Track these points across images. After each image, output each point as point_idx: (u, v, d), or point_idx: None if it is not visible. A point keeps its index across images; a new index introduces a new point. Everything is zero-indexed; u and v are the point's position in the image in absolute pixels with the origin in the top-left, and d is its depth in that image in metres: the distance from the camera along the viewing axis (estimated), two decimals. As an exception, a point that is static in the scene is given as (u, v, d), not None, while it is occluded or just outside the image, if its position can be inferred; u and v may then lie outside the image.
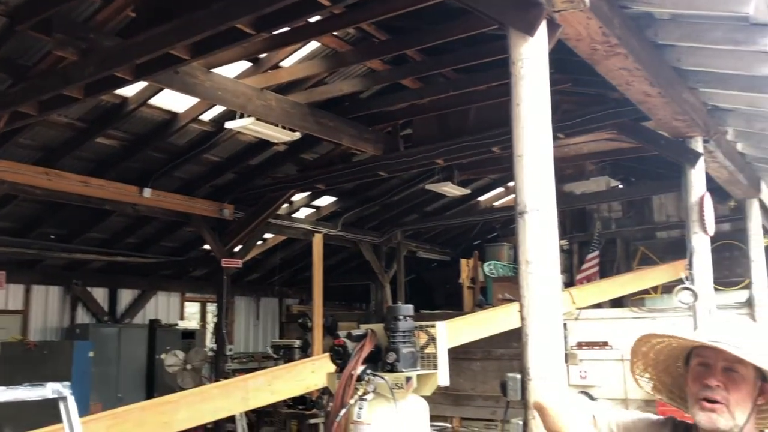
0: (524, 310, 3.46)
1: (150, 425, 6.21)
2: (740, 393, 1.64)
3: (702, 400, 1.65)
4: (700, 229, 6.58)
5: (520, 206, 3.53)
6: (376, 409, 4.00)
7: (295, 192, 10.26)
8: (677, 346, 1.77)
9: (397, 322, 4.22)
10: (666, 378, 1.87)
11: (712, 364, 1.66)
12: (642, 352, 1.84)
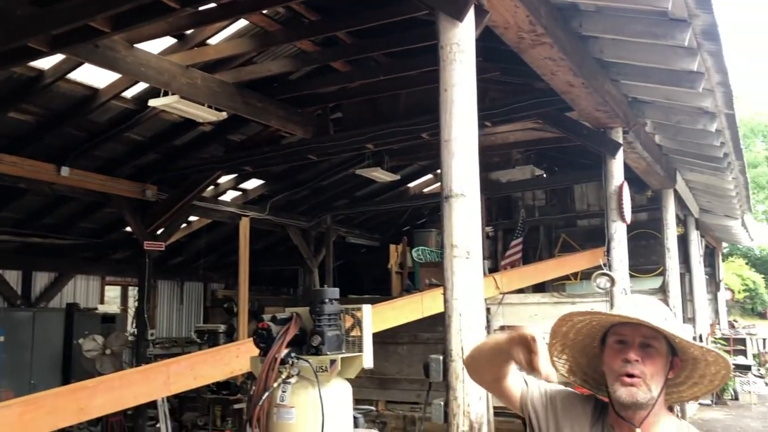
0: (448, 292, 3.51)
1: (65, 412, 5.99)
2: (656, 366, 1.72)
3: (622, 375, 1.72)
4: (618, 217, 6.84)
5: (446, 191, 3.57)
6: (300, 392, 3.97)
7: (222, 174, 10.04)
8: (597, 324, 1.82)
9: (323, 305, 4.19)
10: (582, 359, 1.92)
11: (630, 341, 1.73)
12: (562, 332, 1.87)
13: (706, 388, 1.82)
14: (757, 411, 12.71)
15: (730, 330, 17.89)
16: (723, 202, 12.02)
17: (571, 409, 1.89)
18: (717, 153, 7.89)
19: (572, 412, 1.88)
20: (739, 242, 23.20)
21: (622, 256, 6.79)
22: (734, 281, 29.65)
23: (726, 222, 14.48)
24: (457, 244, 3.51)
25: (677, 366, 1.77)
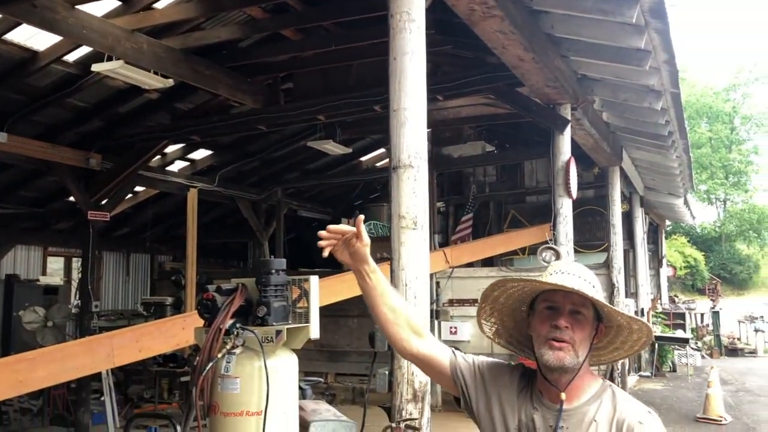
0: (395, 262, 3.51)
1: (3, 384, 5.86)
2: (583, 333, 1.77)
3: (551, 339, 1.76)
4: (564, 192, 6.95)
5: (394, 161, 3.55)
6: (245, 362, 3.93)
7: (168, 143, 9.81)
8: (529, 291, 1.87)
9: (269, 276, 4.14)
10: (509, 322, 1.97)
11: (560, 308, 1.78)
12: (493, 296, 1.92)
13: (625, 353, 1.90)
14: (693, 382, 13.22)
15: (670, 305, 18.51)
16: (667, 180, 12.35)
17: (499, 378, 1.92)
18: (662, 131, 8.07)
19: (500, 380, 1.92)
20: (681, 220, 23.91)
21: (567, 231, 6.91)
22: (676, 258, 30.63)
23: (669, 200, 14.90)
24: (405, 215, 3.50)
25: (602, 332, 1.82)
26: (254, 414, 3.89)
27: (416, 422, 3.24)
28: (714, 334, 19.07)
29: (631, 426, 1.72)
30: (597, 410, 1.76)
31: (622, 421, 1.73)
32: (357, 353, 11.53)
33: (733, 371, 15.32)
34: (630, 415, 1.74)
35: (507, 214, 13.39)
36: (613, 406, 1.76)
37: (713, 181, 41.06)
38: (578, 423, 1.76)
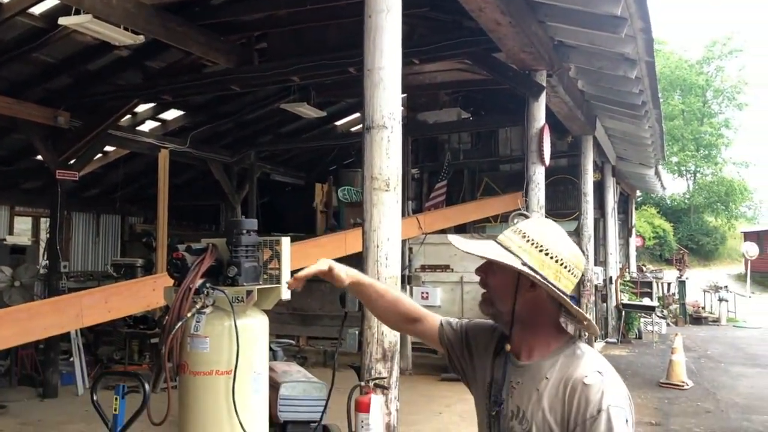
0: (366, 223, 3.50)
1: (-32, 343, 5.77)
2: (497, 281, 1.78)
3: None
4: (537, 159, 6.98)
5: (368, 121, 3.52)
6: (215, 322, 3.93)
7: (139, 102, 9.62)
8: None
9: (240, 236, 4.12)
10: None
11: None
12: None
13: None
14: (658, 349, 13.54)
15: (638, 274, 18.84)
16: (639, 151, 12.47)
17: (481, 339, 1.96)
18: (636, 100, 8.11)
19: (481, 341, 1.96)
20: (652, 191, 24.24)
21: (539, 198, 6.96)
22: (646, 228, 31.12)
23: (641, 170, 15.06)
24: (378, 176, 3.49)
25: (525, 286, 1.76)
26: (224, 373, 3.91)
27: (385, 381, 3.26)
28: (679, 303, 19.49)
29: (575, 385, 1.65)
30: (551, 367, 1.71)
31: (569, 378, 1.66)
32: (329, 317, 11.59)
33: (697, 339, 15.72)
34: (577, 373, 1.67)
35: (481, 181, 13.45)
36: (568, 363, 1.70)
37: (684, 153, 41.59)
38: (531, 378, 1.73)
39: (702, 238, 40.10)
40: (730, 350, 14.27)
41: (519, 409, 1.73)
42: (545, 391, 1.69)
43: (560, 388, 1.67)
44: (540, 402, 1.69)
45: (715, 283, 22.34)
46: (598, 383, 1.63)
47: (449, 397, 9.29)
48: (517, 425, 1.73)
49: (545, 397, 1.68)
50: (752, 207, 47.79)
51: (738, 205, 44.10)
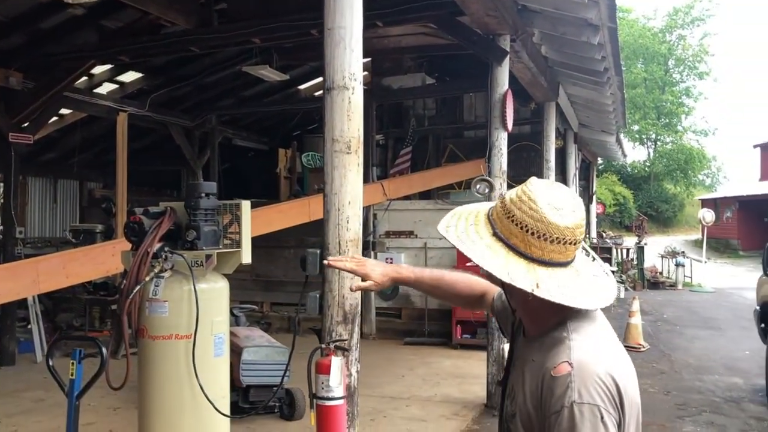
0: (327, 186, 3.47)
1: None
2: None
3: None
4: (500, 125, 6.98)
5: (328, 82, 3.47)
6: (174, 286, 3.90)
7: (96, 63, 9.32)
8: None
9: (199, 199, 4.06)
10: None
11: None
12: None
13: None
14: (616, 312, 13.83)
15: (598, 240, 19.20)
16: (600, 118, 12.58)
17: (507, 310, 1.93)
18: (598, 67, 8.15)
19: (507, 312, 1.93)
20: (613, 158, 24.57)
21: (502, 163, 6.99)
22: (606, 195, 31.65)
23: (602, 137, 15.22)
24: (338, 138, 3.44)
25: None
26: (184, 337, 3.89)
27: (346, 343, 3.27)
28: (638, 268, 19.95)
29: (546, 375, 1.51)
30: (538, 348, 1.59)
31: (544, 366, 1.53)
32: (293, 283, 11.57)
33: (654, 303, 16.14)
34: (550, 362, 1.52)
35: (445, 148, 13.44)
36: (551, 346, 1.55)
37: (645, 122, 42.21)
38: (522, 357, 1.67)
39: (661, 205, 40.97)
40: (686, 313, 14.70)
41: (513, 388, 1.66)
42: (528, 375, 1.59)
43: (539, 375, 1.54)
44: (524, 385, 1.59)
45: (673, 248, 22.90)
46: (565, 376, 1.47)
47: (412, 360, 9.42)
48: (509, 404, 1.66)
49: (528, 381, 1.58)
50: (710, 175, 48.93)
51: (696, 173, 45.11)
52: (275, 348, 6.57)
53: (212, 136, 13.35)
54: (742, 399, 7.66)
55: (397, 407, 7.00)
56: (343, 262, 2.12)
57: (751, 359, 9.40)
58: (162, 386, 3.86)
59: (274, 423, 6.39)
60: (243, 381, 6.26)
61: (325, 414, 3.17)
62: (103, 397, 6.52)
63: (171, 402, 3.85)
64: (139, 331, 3.93)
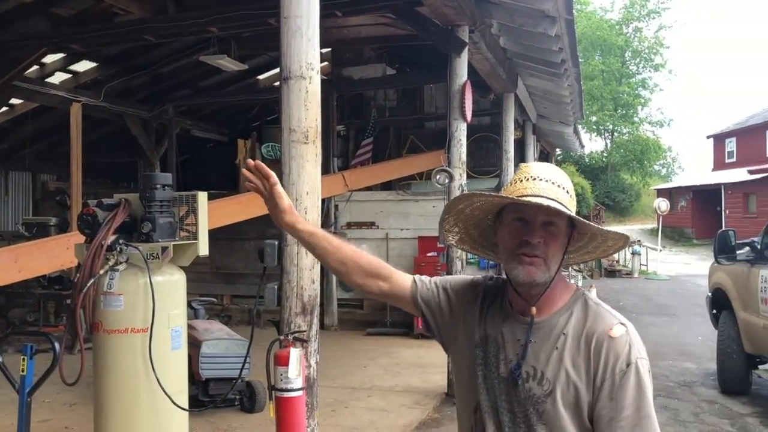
0: (285, 177, 3.44)
1: None
2: (556, 245, 1.66)
3: (521, 254, 1.65)
4: (460, 115, 7.02)
5: (285, 72, 3.44)
6: (129, 279, 3.83)
7: (47, 52, 9.07)
8: (498, 202, 1.76)
9: (154, 191, 3.99)
10: (474, 231, 1.89)
11: (531, 220, 1.66)
12: (458, 209, 1.82)
13: (597, 256, 1.85)
14: (574, 301, 14.09)
15: (557, 230, 19.46)
16: (558, 109, 12.73)
17: (463, 296, 1.87)
18: (555, 58, 8.24)
19: (464, 298, 1.87)
20: (571, 149, 24.90)
21: (461, 153, 7.02)
22: (565, 186, 32.00)
23: (560, 128, 15.41)
24: (296, 128, 3.42)
25: (575, 238, 1.74)
26: (140, 331, 3.83)
27: (304, 334, 3.26)
28: (595, 257, 20.29)
29: (600, 338, 1.61)
30: (567, 322, 1.66)
31: (592, 333, 1.62)
32: (253, 275, 11.47)
33: (611, 291, 16.47)
34: (600, 327, 1.63)
35: (406, 139, 13.47)
36: (584, 317, 1.66)
37: (603, 113, 42.89)
38: (546, 336, 1.66)
39: (618, 195, 41.76)
40: (641, 301, 15.05)
41: (536, 369, 1.65)
42: (566, 348, 1.63)
43: (582, 344, 1.62)
44: (561, 360, 1.62)
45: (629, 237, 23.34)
46: (624, 336, 1.61)
47: (374, 351, 9.45)
48: (535, 386, 1.64)
49: (567, 355, 1.62)
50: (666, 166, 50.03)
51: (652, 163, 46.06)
52: (235, 341, 6.52)
53: (170, 127, 13.12)
54: (694, 383, 7.88)
55: (358, 398, 7.01)
56: (264, 169, 1.95)
57: (704, 344, 9.67)
58: (118, 381, 3.80)
59: (235, 416, 6.35)
60: (203, 374, 6.20)
61: (285, 405, 3.16)
62: (59, 394, 6.38)
63: (128, 397, 3.79)
64: (94, 326, 3.85)
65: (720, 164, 35.43)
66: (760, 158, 29.93)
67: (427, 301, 1.89)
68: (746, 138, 33.16)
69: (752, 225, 21.54)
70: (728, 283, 7.35)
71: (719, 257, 7.27)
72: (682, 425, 6.32)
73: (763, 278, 6.44)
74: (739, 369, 7.16)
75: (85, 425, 5.47)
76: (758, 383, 7.50)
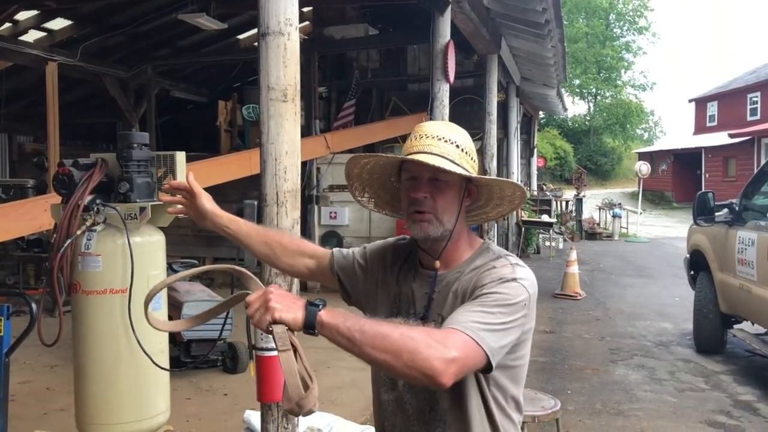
0: (264, 136, 3.39)
1: None
2: (446, 199, 1.70)
3: (413, 212, 1.71)
4: (442, 76, 6.96)
5: (263, 28, 3.36)
6: (107, 240, 3.78)
7: (19, 9, 8.85)
8: (384, 164, 1.81)
9: (131, 150, 3.92)
10: (384, 194, 1.93)
11: (418, 177, 1.70)
12: (355, 174, 1.87)
13: (509, 207, 1.85)
14: (555, 263, 14.24)
15: (538, 192, 19.56)
16: (542, 71, 12.67)
17: (378, 260, 1.92)
18: (539, 18, 8.16)
19: (379, 262, 1.92)
20: (554, 112, 24.89)
21: (444, 115, 6.98)
22: (548, 149, 32.17)
23: (543, 90, 15.38)
24: (274, 86, 3.36)
25: (474, 192, 1.77)
26: (119, 292, 3.80)
27: (284, 294, 3.25)
28: (576, 220, 20.48)
29: (486, 268, 1.66)
30: (467, 272, 1.71)
31: (484, 269, 1.67)
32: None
33: (591, 253, 16.64)
34: (492, 264, 1.67)
35: (389, 101, 13.37)
36: (483, 263, 1.70)
37: (586, 76, 42.81)
38: (448, 287, 1.72)
39: (600, 158, 41.93)
40: (621, 263, 15.22)
41: (440, 316, 1.69)
42: (459, 290, 1.68)
43: (473, 277, 1.67)
44: (456, 300, 1.67)
45: (610, 200, 23.56)
46: (508, 265, 1.66)
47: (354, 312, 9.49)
48: None
49: (459, 292, 1.68)
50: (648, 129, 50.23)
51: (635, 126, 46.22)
52: (216, 302, 6.51)
53: (148, 87, 12.89)
54: (671, 343, 8.02)
55: (341, 358, 7.02)
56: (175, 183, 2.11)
57: (681, 305, 9.83)
58: (98, 342, 3.78)
59: (216, 376, 6.38)
60: (184, 335, 6.21)
61: (265, 364, 3.17)
62: (40, 356, 6.37)
63: (108, 358, 3.78)
64: (72, 286, 3.82)
65: (701, 128, 35.62)
66: (741, 122, 30.13)
67: (343, 269, 1.97)
68: (727, 102, 33.32)
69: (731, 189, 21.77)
70: (706, 245, 7.44)
71: (698, 219, 7.34)
72: (658, 383, 6.45)
73: (741, 239, 6.52)
74: (715, 329, 7.29)
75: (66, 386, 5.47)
76: (732, 342, 7.65)
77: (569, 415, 5.40)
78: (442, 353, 1.39)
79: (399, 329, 1.43)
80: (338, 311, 1.44)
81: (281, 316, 1.41)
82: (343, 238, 11.25)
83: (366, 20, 12.35)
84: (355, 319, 1.43)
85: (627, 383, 6.44)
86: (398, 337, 1.40)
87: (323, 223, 11.39)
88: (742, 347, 7.57)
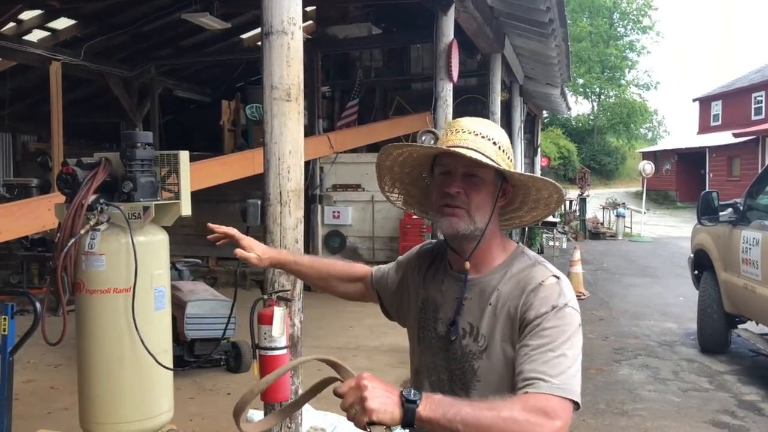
0: (267, 135, 3.40)
1: None
2: (480, 196, 1.64)
3: (443, 206, 1.65)
4: (446, 75, 6.95)
5: (266, 27, 3.36)
6: (111, 239, 3.79)
7: (23, 8, 8.86)
8: (418, 156, 1.76)
9: (134, 149, 3.93)
10: (414, 190, 1.89)
11: (453, 171, 1.64)
12: (387, 167, 1.82)
13: (543, 212, 1.80)
14: (558, 262, 14.20)
15: (542, 192, 19.50)
16: (545, 70, 12.64)
17: (408, 267, 1.91)
18: (543, 18, 8.14)
19: (409, 269, 1.91)
20: (557, 111, 24.83)
21: (447, 114, 6.98)
22: (551, 149, 32.14)
23: (547, 90, 15.34)
24: (277, 85, 3.36)
25: (509, 192, 1.71)
26: (123, 291, 3.80)
27: (288, 293, 3.25)
28: (580, 219, 20.45)
29: (531, 287, 1.60)
30: (502, 278, 1.65)
31: (525, 284, 1.61)
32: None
33: (595, 252, 16.62)
34: (533, 278, 1.61)
35: (392, 100, 13.36)
36: (520, 271, 1.65)
37: (590, 75, 42.76)
38: (481, 292, 1.66)
39: (604, 158, 41.89)
40: (624, 262, 15.20)
41: (472, 326, 1.65)
42: (499, 303, 1.63)
43: (515, 295, 1.61)
44: (495, 316, 1.62)
45: (614, 200, 23.52)
46: (554, 284, 1.59)
47: (360, 312, 9.47)
48: (471, 343, 1.65)
49: (500, 310, 1.62)
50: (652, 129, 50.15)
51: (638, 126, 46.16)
52: (219, 301, 6.52)
53: (152, 87, 12.91)
54: (675, 342, 8.01)
55: (344, 357, 7.03)
56: (224, 229, 2.23)
57: (685, 305, 9.81)
58: (101, 341, 3.78)
59: (220, 375, 6.38)
60: (188, 335, 6.21)
61: (268, 364, 3.16)
62: (44, 355, 6.38)
63: (111, 357, 3.78)
64: (76, 286, 3.83)
65: (705, 127, 35.54)
66: (745, 122, 30.05)
67: (381, 287, 2.00)
68: (732, 101, 33.23)
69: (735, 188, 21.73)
70: (710, 244, 7.42)
71: (702, 218, 7.32)
72: (662, 383, 6.44)
73: (745, 239, 6.50)
74: (719, 328, 7.27)
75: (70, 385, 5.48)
76: (736, 342, 7.63)
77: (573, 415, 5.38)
78: (549, 428, 1.37)
79: (500, 413, 1.36)
80: (434, 401, 1.37)
81: (379, 418, 1.36)
82: (346, 238, 11.25)
83: (369, 19, 12.34)
84: (454, 408, 1.36)
85: (631, 383, 6.43)
86: (502, 425, 1.35)
87: (326, 223, 11.38)
88: (747, 347, 7.55)
